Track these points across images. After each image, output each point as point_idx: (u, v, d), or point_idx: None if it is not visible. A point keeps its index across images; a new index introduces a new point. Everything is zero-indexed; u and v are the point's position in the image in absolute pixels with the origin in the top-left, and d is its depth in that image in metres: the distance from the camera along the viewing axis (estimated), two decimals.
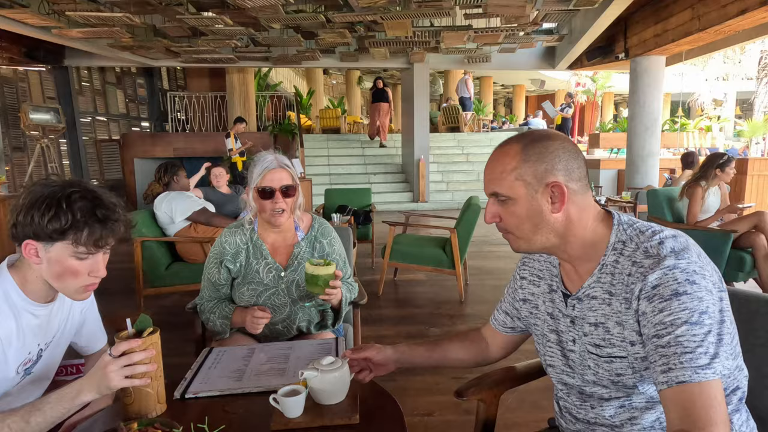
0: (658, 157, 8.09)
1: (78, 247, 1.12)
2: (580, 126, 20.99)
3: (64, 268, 1.14)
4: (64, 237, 1.11)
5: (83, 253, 1.14)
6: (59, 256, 1.13)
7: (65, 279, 1.16)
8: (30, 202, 1.10)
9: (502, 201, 0.97)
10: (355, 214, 5.15)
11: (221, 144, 9.03)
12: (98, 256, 1.18)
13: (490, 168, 0.99)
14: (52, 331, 1.28)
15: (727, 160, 3.81)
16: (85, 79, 10.66)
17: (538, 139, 0.95)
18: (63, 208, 1.09)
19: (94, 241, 1.13)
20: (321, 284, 1.51)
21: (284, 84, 16.53)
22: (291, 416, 1.08)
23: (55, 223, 1.09)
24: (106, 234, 1.14)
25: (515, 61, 9.96)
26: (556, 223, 0.95)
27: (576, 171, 0.94)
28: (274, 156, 1.66)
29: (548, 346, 1.08)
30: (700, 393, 0.77)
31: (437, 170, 11.52)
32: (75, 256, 1.14)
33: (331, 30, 7.29)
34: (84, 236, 1.12)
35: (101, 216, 1.13)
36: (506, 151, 0.97)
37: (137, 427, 0.99)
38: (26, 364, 1.21)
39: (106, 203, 1.15)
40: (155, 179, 3.82)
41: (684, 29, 6.55)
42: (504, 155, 0.97)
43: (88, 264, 1.16)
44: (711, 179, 3.81)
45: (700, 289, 0.83)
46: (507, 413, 2.23)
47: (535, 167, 0.93)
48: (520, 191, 0.94)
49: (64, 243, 1.12)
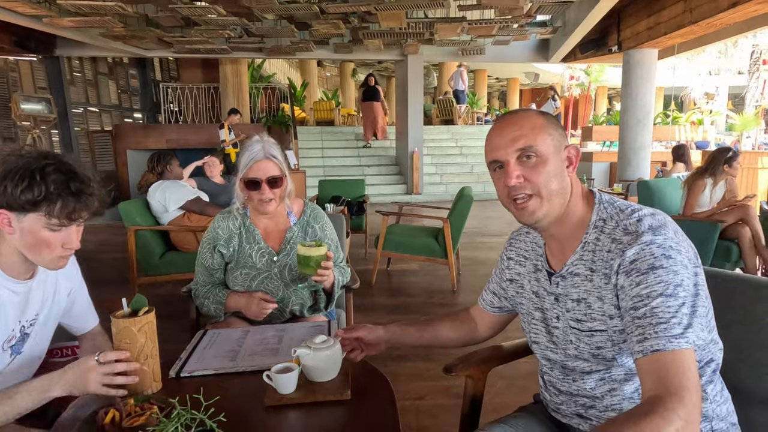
0: (649, 149, 8.15)
1: (51, 219, 1.13)
2: (574, 119, 21.06)
3: (37, 239, 1.14)
4: (37, 208, 1.11)
5: (56, 225, 1.14)
6: (32, 227, 1.13)
7: (38, 250, 1.16)
8: (4, 172, 1.10)
9: (530, 159, 0.97)
10: (348, 205, 5.17)
11: (215, 135, 9.00)
12: (71, 229, 1.18)
13: (518, 125, 0.98)
14: (33, 309, 1.28)
15: (734, 155, 3.81)
16: (76, 69, 10.56)
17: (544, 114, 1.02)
18: (36, 179, 1.10)
19: (67, 214, 1.13)
20: (313, 265, 1.53)
21: (278, 76, 16.45)
22: (284, 392, 1.11)
23: (27, 194, 1.09)
24: (79, 207, 1.14)
25: (509, 54, 9.97)
26: (567, 187, 1.00)
27: None
28: (261, 145, 1.65)
29: (533, 324, 1.11)
30: (673, 360, 0.81)
31: (431, 162, 11.54)
32: (48, 227, 1.14)
33: (325, 21, 7.27)
34: (57, 209, 1.12)
35: (75, 189, 1.13)
36: (527, 114, 1.01)
37: (133, 402, 1.02)
38: (10, 341, 1.22)
39: (80, 177, 1.16)
40: (148, 169, 3.82)
41: (676, 22, 6.59)
42: (527, 116, 1.00)
43: (62, 236, 1.16)
44: (719, 175, 3.81)
45: (676, 264, 0.87)
46: (496, 397, 2.28)
47: (557, 129, 1.00)
48: (548, 147, 0.97)
49: (36, 214, 1.12)
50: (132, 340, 1.13)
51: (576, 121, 20.01)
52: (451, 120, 14.00)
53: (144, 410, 1.00)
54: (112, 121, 11.67)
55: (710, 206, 3.87)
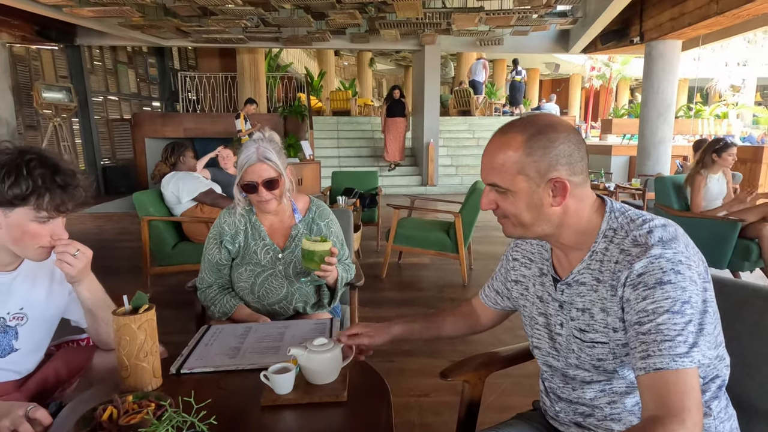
0: (670, 143, 7.96)
1: (40, 212, 1.16)
2: (594, 111, 20.71)
3: (24, 232, 1.17)
4: (26, 202, 1.14)
5: (44, 218, 1.17)
6: (20, 221, 1.16)
7: (25, 242, 1.19)
8: None
9: (501, 191, 0.95)
10: (361, 197, 5.17)
11: (231, 125, 9.05)
12: (58, 221, 1.21)
13: (490, 157, 0.95)
14: (17, 302, 1.29)
15: (724, 146, 3.74)
16: (97, 58, 10.70)
17: (542, 131, 0.91)
18: (23, 174, 1.12)
19: (55, 206, 1.17)
20: (317, 260, 1.54)
21: (295, 65, 16.46)
22: (280, 393, 1.11)
23: (16, 189, 1.12)
24: (67, 199, 1.18)
25: (528, 44, 9.81)
26: (554, 215, 0.94)
27: (578, 164, 0.93)
28: (255, 148, 1.64)
29: (536, 329, 1.10)
30: (676, 380, 0.79)
31: (447, 154, 11.46)
32: (36, 220, 1.17)
33: (342, 10, 7.23)
34: (46, 201, 1.15)
35: (61, 182, 1.16)
36: (508, 141, 0.93)
37: (132, 399, 1.03)
38: None
39: (64, 170, 1.19)
40: (162, 159, 3.85)
41: (701, 13, 6.39)
42: (506, 145, 0.93)
43: (49, 228, 1.20)
44: (709, 166, 3.77)
45: (684, 279, 0.84)
46: (503, 396, 2.27)
47: (538, 163, 0.91)
48: (522, 185, 0.92)
49: (25, 208, 1.15)
50: (132, 337, 1.13)
51: (597, 114, 19.69)
52: (468, 111, 13.85)
53: (142, 407, 1.01)
54: (131, 110, 11.83)
55: (720, 200, 3.79)
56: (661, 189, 4.18)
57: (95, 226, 6.93)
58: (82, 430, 0.94)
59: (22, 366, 1.32)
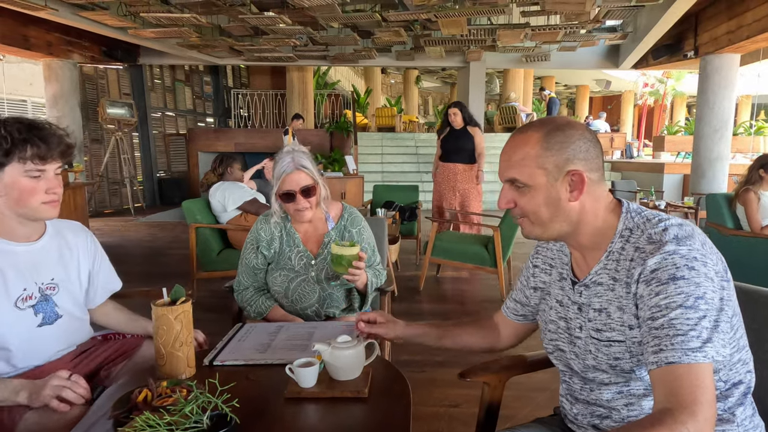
0: (727, 161, 7.60)
1: (26, 163, 1.23)
2: (648, 129, 20.00)
3: (20, 189, 1.25)
4: (11, 158, 1.22)
5: (33, 171, 1.24)
6: (13, 179, 1.24)
7: (24, 200, 1.26)
8: None
9: (520, 187, 0.97)
10: (401, 211, 5.21)
11: (279, 140, 9.35)
12: (50, 174, 1.28)
13: (509, 153, 0.98)
14: (48, 273, 1.38)
15: None
16: (157, 76, 11.33)
17: (559, 127, 0.95)
18: (2, 133, 1.20)
19: (39, 156, 1.23)
20: (345, 264, 1.59)
21: (342, 83, 16.84)
22: (304, 386, 1.16)
23: None
24: (48, 147, 1.24)
25: (576, 60, 9.66)
26: (571, 211, 0.96)
27: (595, 160, 0.95)
28: (291, 157, 1.71)
29: (558, 333, 1.09)
30: (688, 374, 0.78)
31: (490, 170, 11.29)
32: (27, 175, 1.24)
33: (387, 29, 7.38)
34: (29, 152, 1.22)
35: (38, 134, 1.24)
36: (526, 138, 0.96)
37: (166, 385, 1.10)
38: (26, 301, 1.32)
39: (38, 123, 1.27)
40: (211, 169, 4.04)
41: (761, 25, 6.12)
42: (524, 142, 0.96)
43: (43, 183, 1.27)
44: (756, 182, 3.61)
45: (699, 275, 0.84)
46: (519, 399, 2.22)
47: (556, 156, 0.93)
48: (540, 180, 0.94)
49: (12, 165, 1.23)
50: (168, 327, 1.21)
51: (650, 131, 19.01)
52: (513, 127, 13.72)
53: (174, 393, 1.08)
54: (186, 125, 12.43)
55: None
56: (713, 207, 4.01)
57: (149, 234, 7.29)
58: (120, 409, 1.02)
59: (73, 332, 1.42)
